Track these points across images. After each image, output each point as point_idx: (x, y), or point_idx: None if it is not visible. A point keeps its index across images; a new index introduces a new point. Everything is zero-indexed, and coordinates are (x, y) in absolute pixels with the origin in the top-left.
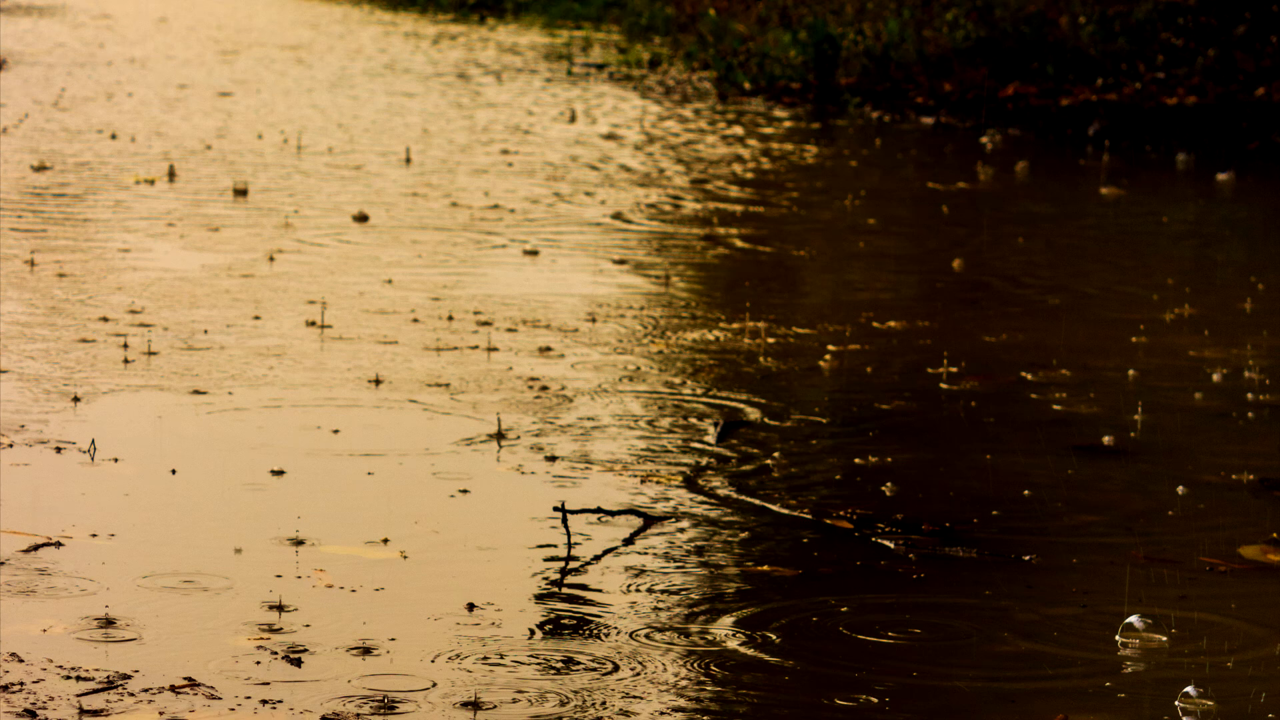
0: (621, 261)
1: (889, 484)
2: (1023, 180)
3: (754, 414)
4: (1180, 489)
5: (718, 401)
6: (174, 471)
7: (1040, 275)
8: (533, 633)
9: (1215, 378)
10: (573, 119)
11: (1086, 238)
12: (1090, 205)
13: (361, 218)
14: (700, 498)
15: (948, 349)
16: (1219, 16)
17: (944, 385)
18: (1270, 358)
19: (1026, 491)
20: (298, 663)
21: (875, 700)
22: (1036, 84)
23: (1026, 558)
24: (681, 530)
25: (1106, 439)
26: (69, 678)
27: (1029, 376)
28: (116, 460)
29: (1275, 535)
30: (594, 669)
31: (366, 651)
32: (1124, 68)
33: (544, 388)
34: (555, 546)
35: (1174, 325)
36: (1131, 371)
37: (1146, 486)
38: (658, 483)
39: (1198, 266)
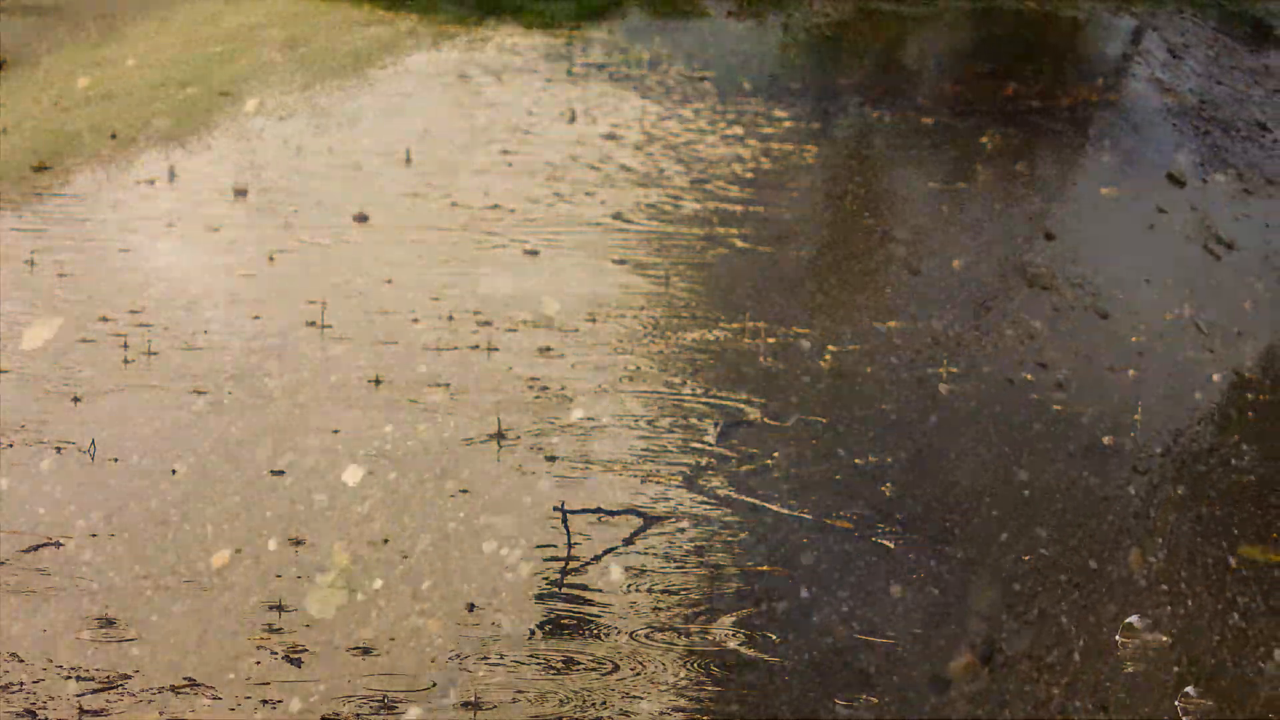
0: (621, 261)
1: (889, 484)
2: (1023, 180)
3: (754, 414)
4: (1180, 489)
5: (718, 401)
6: (174, 471)
7: (1040, 275)
8: (533, 633)
9: (1215, 378)
10: (573, 119)
11: (1086, 237)
12: (1090, 205)
13: (361, 218)
14: (700, 498)
15: (948, 349)
16: None
17: (944, 385)
18: (1270, 358)
19: (1026, 492)
20: (298, 663)
21: (875, 700)
22: (1036, 84)
23: (1027, 558)
24: (681, 530)
25: (1106, 439)
26: (69, 678)
27: (1029, 377)
28: (116, 460)
29: (1275, 535)
30: (594, 669)
31: (366, 651)
32: (1124, 68)
33: (544, 388)
34: (555, 546)
35: (1174, 325)
36: (1131, 371)
37: (1146, 486)
38: (658, 483)
39: (1198, 266)
